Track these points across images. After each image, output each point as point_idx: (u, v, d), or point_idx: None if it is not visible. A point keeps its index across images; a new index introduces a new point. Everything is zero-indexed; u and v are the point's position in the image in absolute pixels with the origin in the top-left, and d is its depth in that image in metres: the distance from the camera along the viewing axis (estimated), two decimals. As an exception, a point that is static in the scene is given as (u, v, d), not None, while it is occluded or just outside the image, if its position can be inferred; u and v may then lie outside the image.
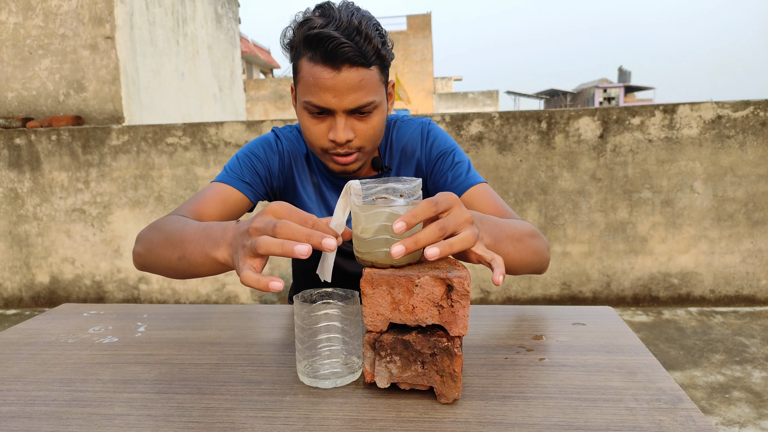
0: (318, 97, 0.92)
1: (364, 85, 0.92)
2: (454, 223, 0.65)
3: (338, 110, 0.93)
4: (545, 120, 3.16)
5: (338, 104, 0.92)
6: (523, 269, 0.90)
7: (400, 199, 0.65)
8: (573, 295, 3.29)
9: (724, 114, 3.06)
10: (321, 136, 0.97)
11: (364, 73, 0.92)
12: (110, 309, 1.04)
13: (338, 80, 0.90)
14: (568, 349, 0.79)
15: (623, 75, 32.10)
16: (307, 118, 0.97)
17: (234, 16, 6.71)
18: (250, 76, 26.33)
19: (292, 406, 0.65)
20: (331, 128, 0.95)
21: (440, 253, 0.62)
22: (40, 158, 3.46)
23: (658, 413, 0.61)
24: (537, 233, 0.92)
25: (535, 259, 0.90)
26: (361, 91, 0.92)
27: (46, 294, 3.59)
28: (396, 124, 1.14)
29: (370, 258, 0.66)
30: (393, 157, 1.13)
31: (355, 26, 0.90)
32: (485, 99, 26.46)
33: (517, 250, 0.84)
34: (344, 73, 0.90)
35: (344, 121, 0.94)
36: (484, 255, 0.69)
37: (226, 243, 0.73)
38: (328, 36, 0.88)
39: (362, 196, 0.65)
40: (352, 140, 0.96)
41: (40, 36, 3.95)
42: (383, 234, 0.64)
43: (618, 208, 3.19)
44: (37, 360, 0.81)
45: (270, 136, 1.14)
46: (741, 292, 3.19)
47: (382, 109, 0.98)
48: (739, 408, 2.05)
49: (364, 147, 0.99)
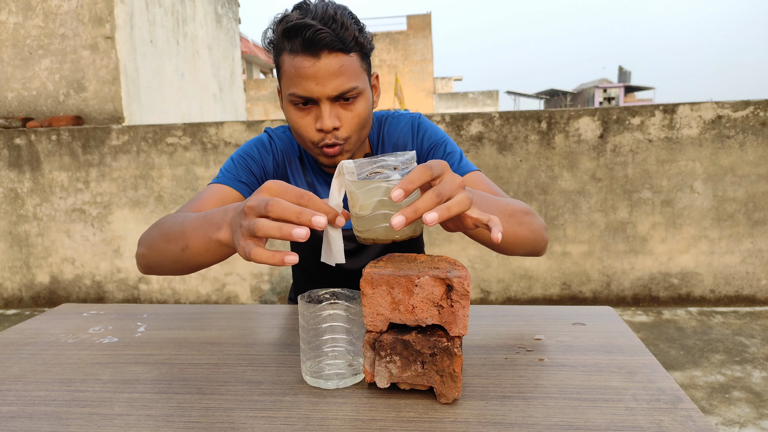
0: (301, 86, 0.94)
1: (345, 70, 0.94)
2: (449, 188, 0.65)
3: (322, 98, 0.94)
4: (545, 120, 3.16)
5: (321, 91, 0.93)
6: (518, 246, 0.89)
7: (395, 173, 0.65)
8: (573, 295, 3.29)
9: (724, 114, 3.06)
10: (309, 129, 0.98)
11: (343, 59, 0.93)
12: (110, 309, 1.04)
13: (319, 67, 0.92)
14: (568, 349, 0.79)
15: (623, 75, 32.10)
16: (293, 112, 0.98)
17: (234, 16, 6.71)
18: (250, 76, 26.32)
19: (292, 406, 0.65)
20: (317, 119, 0.96)
21: (439, 217, 0.62)
22: (40, 158, 3.46)
23: (657, 413, 0.61)
24: (531, 211, 0.91)
25: (530, 236, 0.89)
26: (343, 76, 0.93)
27: (46, 294, 3.59)
28: (387, 120, 1.15)
29: (371, 235, 0.66)
30: (383, 151, 1.14)
31: (331, 15, 0.92)
32: (485, 99, 26.45)
33: (510, 225, 0.84)
34: (324, 59, 0.92)
35: (329, 109, 0.95)
36: (480, 217, 0.69)
37: (227, 223, 0.73)
38: (304, 25, 0.90)
39: (356, 174, 0.65)
40: (339, 129, 0.97)
41: (40, 36, 3.95)
42: (381, 209, 0.64)
43: (618, 208, 3.19)
44: (37, 360, 0.81)
45: (263, 136, 1.14)
46: (741, 292, 3.19)
47: (366, 96, 0.99)
48: (739, 408, 2.05)
49: (351, 137, 0.99)
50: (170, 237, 0.84)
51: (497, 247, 0.89)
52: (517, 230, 0.86)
